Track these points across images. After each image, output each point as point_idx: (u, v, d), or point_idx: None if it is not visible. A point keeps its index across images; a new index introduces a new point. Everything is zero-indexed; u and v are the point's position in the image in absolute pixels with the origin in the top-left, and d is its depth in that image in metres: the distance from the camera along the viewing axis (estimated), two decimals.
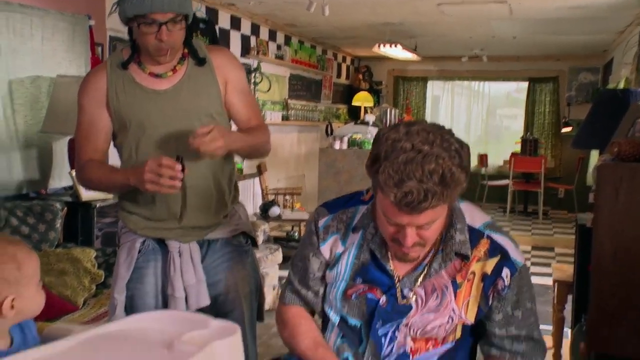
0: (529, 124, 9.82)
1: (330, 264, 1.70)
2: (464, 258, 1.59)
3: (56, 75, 3.62)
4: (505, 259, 1.60)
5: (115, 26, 4.31)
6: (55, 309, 2.87)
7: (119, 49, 2.05)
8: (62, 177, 3.79)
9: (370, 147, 7.50)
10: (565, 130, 9.15)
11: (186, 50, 1.97)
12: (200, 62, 1.97)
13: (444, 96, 10.51)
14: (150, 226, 2.01)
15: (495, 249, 1.60)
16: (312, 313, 1.79)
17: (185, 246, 2.01)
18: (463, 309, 1.60)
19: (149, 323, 1.43)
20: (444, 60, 9.88)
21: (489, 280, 1.59)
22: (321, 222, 1.71)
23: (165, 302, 2.02)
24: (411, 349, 1.62)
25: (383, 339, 1.62)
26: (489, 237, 1.61)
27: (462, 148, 1.47)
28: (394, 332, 1.62)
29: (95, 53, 4.00)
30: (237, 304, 2.06)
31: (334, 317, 1.70)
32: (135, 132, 1.94)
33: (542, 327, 1.74)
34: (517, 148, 9.23)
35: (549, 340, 3.61)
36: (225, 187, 2.06)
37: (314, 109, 8.42)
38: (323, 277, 1.72)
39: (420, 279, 1.61)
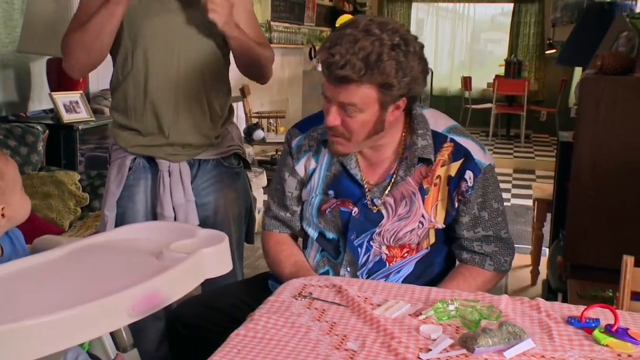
0: (513, 47, 9.77)
1: (305, 181, 1.74)
2: (428, 163, 1.62)
3: None
4: (468, 161, 1.62)
5: None
6: (41, 231, 2.87)
7: None
8: (42, 99, 3.73)
9: None
10: (549, 52, 9.11)
11: None
12: None
13: (428, 19, 10.36)
14: (141, 143, 2.00)
15: (459, 151, 1.63)
16: (294, 237, 1.83)
17: (175, 165, 2.01)
18: (432, 213, 1.65)
19: (138, 233, 1.47)
20: None
21: (453, 183, 1.63)
22: (294, 142, 1.75)
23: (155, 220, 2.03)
24: (387, 256, 1.67)
25: (359, 249, 1.68)
26: (452, 140, 1.64)
27: (415, 55, 1.50)
28: (368, 241, 1.67)
29: None
30: (226, 226, 2.06)
31: (312, 233, 1.75)
32: (133, 33, 1.91)
33: (521, 246, 1.80)
34: (501, 71, 9.21)
35: (527, 259, 3.73)
36: (218, 107, 2.04)
37: (297, 32, 8.27)
38: (300, 197, 1.76)
39: (388, 188, 1.65)
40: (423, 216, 1.64)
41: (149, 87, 1.94)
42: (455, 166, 1.62)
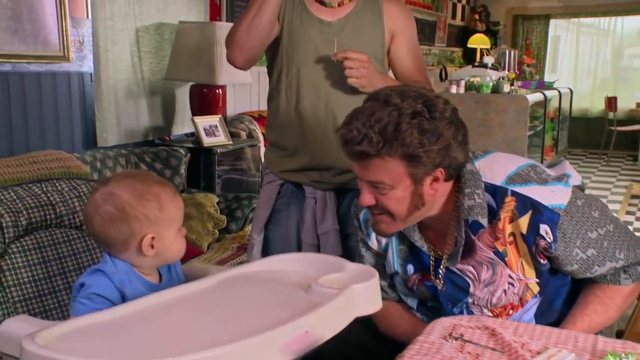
0: None
1: (382, 253, 1.67)
2: (489, 221, 1.48)
3: (178, 21, 3.70)
4: (538, 214, 1.44)
5: None
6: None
7: None
8: (184, 123, 3.91)
9: (489, 91, 7.21)
10: None
11: None
12: None
13: (567, 36, 9.93)
14: (290, 168, 2.04)
15: (524, 203, 1.45)
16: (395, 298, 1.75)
17: (322, 193, 2.03)
18: (520, 271, 1.51)
19: (286, 264, 1.48)
20: None
21: (529, 241, 1.47)
22: (361, 216, 1.69)
23: (299, 248, 2.06)
24: (493, 316, 1.57)
25: (464, 313, 1.59)
26: (513, 193, 1.46)
27: (443, 119, 1.38)
28: (467, 309, 1.58)
29: None
30: None
31: (411, 303, 1.69)
32: (291, 52, 1.97)
33: None
34: None
35: None
36: None
37: (428, 52, 8.21)
38: (384, 269, 1.68)
39: (459, 256, 1.52)
40: (511, 277, 1.51)
41: (300, 105, 1.98)
42: (524, 222, 1.46)
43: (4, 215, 1.67)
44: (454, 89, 6.20)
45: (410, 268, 1.62)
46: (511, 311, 1.57)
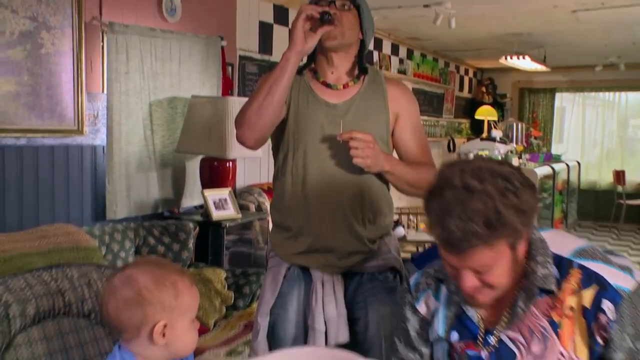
0: None
1: (428, 320, 1.64)
2: (550, 293, 1.47)
3: (190, 95, 3.77)
4: (603, 289, 1.44)
5: (244, 46, 4.47)
6: None
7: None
8: (194, 196, 3.93)
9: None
10: None
11: (360, 72, 2.03)
12: (371, 80, 2.03)
13: (574, 108, 10.05)
14: (296, 251, 2.02)
15: (590, 277, 1.45)
16: None
17: (329, 277, 2.01)
18: (571, 350, 1.47)
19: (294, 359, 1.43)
20: (575, 70, 9.47)
21: (590, 315, 1.45)
22: (412, 280, 1.68)
23: (305, 332, 2.02)
24: None
25: None
26: (580, 267, 1.47)
27: (524, 187, 1.37)
28: None
29: (226, 73, 4.14)
30: (376, 343, 2.02)
31: None
32: (298, 134, 1.98)
33: None
34: None
35: None
36: (371, 216, 2.04)
37: (436, 124, 8.31)
38: (426, 337, 1.65)
39: (508, 322, 1.50)
40: (562, 354, 1.46)
41: (306, 187, 1.98)
42: (588, 295, 1.45)
43: (12, 305, 1.64)
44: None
45: (455, 335, 1.59)
46: None
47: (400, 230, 5.29)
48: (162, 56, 3.64)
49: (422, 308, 1.65)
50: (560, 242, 1.54)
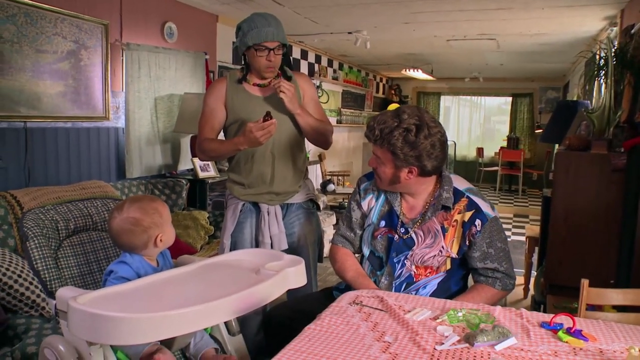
0: (512, 127, 9.51)
1: (366, 214, 1.70)
2: (448, 209, 1.57)
3: (183, 92, 3.69)
4: (478, 212, 1.55)
5: (222, 58, 4.38)
6: (182, 251, 2.96)
7: (236, 70, 2.01)
8: (186, 162, 3.86)
9: None
10: (537, 131, 8.79)
11: (279, 71, 1.98)
12: (289, 78, 1.98)
13: (452, 107, 10.20)
14: (249, 193, 2.00)
15: (471, 204, 1.56)
16: (354, 252, 1.77)
17: (272, 208, 1.99)
18: (449, 246, 1.58)
19: (244, 256, 1.49)
20: (453, 80, 9.57)
21: (466, 226, 1.56)
22: (362, 186, 1.73)
23: (257, 247, 2.03)
24: (415, 273, 1.61)
25: (397, 265, 1.61)
26: (467, 197, 1.58)
27: (426, 135, 1.46)
28: (403, 260, 1.61)
29: (209, 78, 4.06)
30: (305, 249, 2.03)
31: (366, 251, 1.69)
32: (241, 123, 1.93)
33: (516, 270, 1.72)
34: (504, 144, 8.97)
35: (521, 279, 3.58)
36: (300, 164, 2.04)
37: (359, 115, 8.32)
38: (362, 224, 1.71)
39: (419, 223, 1.60)
40: (442, 247, 1.57)
41: (255, 155, 1.96)
42: (468, 215, 1.56)
43: (60, 222, 1.67)
44: None
45: (382, 223, 1.65)
46: (429, 273, 1.59)
47: (332, 187, 5.27)
48: (163, 66, 3.57)
49: (364, 205, 1.69)
50: (459, 181, 1.63)
